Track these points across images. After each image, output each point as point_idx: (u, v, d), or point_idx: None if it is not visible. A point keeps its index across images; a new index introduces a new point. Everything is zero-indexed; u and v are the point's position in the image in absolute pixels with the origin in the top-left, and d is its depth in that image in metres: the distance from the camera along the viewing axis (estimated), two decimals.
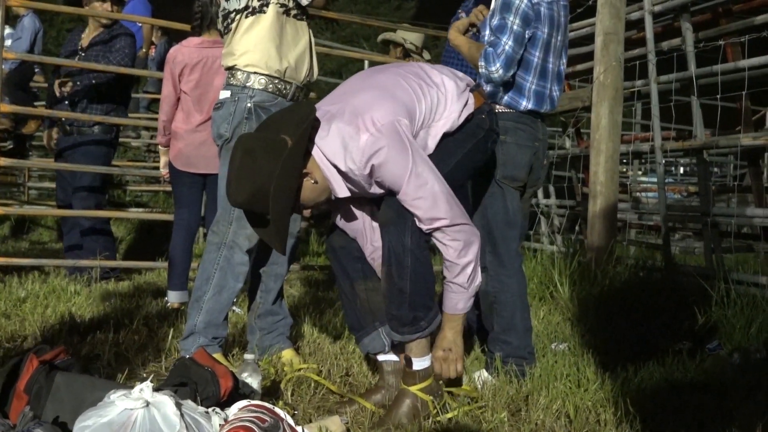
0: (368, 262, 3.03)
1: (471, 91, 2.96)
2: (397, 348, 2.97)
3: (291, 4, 3.26)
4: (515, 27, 3.27)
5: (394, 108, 2.67)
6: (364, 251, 3.03)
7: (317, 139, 2.66)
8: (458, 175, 2.94)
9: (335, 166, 2.67)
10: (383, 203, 2.79)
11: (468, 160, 2.96)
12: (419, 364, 2.84)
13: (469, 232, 2.75)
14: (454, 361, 2.84)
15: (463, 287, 2.79)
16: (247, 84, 3.25)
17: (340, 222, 3.02)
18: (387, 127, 2.61)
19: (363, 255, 3.03)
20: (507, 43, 3.26)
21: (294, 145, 2.55)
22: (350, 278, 3.03)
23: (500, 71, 3.25)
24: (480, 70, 3.29)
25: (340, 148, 2.63)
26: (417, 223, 2.71)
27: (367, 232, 3.00)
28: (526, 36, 3.31)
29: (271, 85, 3.26)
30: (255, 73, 3.25)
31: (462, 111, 2.88)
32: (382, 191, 2.75)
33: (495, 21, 3.32)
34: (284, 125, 2.61)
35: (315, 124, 2.66)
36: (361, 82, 2.88)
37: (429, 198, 2.66)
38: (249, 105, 3.25)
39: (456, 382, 2.99)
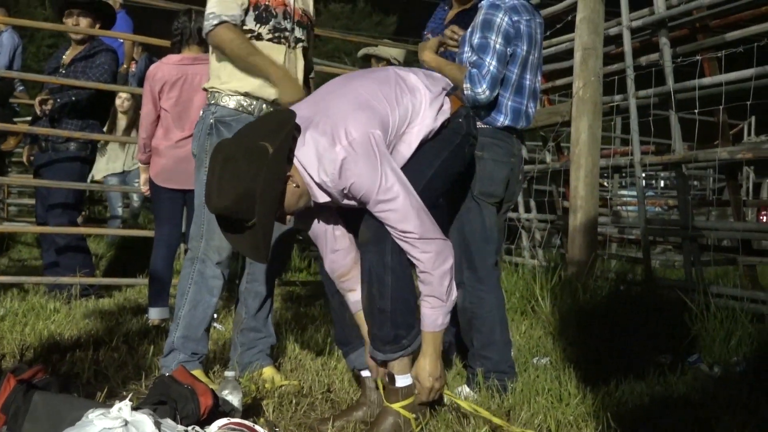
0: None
1: (448, 94, 2.95)
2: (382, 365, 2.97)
3: (258, 30, 3.31)
4: (498, 46, 3.28)
5: (369, 119, 2.66)
6: (322, 255, 3.01)
7: (296, 146, 2.65)
8: (437, 184, 2.94)
9: (310, 176, 2.66)
10: (362, 223, 2.79)
11: (446, 168, 2.95)
12: (402, 381, 2.84)
13: (440, 245, 2.74)
14: (437, 390, 2.85)
15: (441, 300, 2.77)
16: (211, 102, 3.36)
17: (301, 224, 3.01)
18: (360, 140, 2.60)
19: None
20: (491, 63, 3.28)
21: (277, 149, 2.54)
22: (341, 293, 3.03)
23: (486, 92, 3.26)
24: (465, 92, 3.28)
25: (314, 159, 2.62)
26: (391, 232, 2.71)
27: (328, 237, 2.97)
28: (508, 54, 3.33)
29: (232, 102, 3.33)
30: (218, 92, 3.35)
31: (437, 116, 2.87)
32: (354, 203, 2.74)
33: (476, 39, 3.33)
34: (262, 132, 2.60)
35: (295, 129, 2.64)
36: (338, 89, 2.86)
37: (399, 211, 2.65)
38: (211, 121, 3.33)
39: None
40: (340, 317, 3.07)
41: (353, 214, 2.87)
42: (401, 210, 2.65)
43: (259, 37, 3.31)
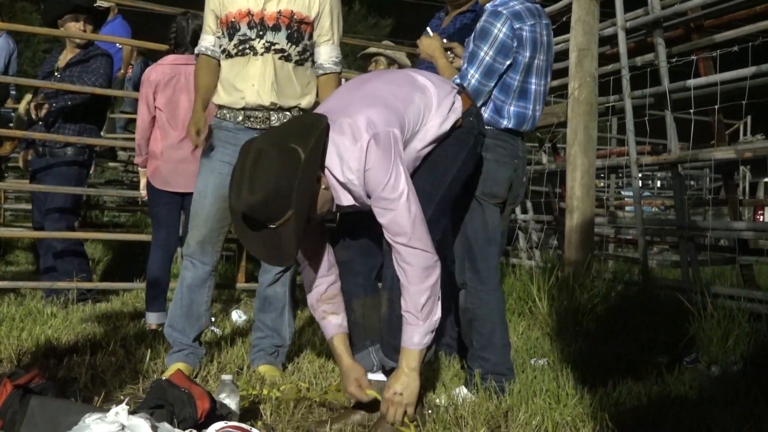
0: (369, 278, 3.02)
1: (458, 93, 2.96)
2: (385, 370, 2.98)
3: (227, 47, 3.53)
4: (487, 58, 3.28)
5: (387, 118, 2.66)
6: (307, 280, 3.01)
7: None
8: (455, 188, 2.99)
9: (335, 177, 2.65)
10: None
11: (462, 171, 2.98)
12: None
13: (427, 260, 2.69)
14: (402, 406, 2.76)
15: (416, 317, 2.71)
16: (215, 115, 3.63)
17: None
18: (380, 135, 2.60)
19: (365, 271, 3.01)
20: (474, 76, 3.29)
21: (312, 148, 2.54)
22: (349, 294, 3.02)
23: None
24: None
25: (336, 159, 2.61)
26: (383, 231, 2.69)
27: (322, 260, 2.96)
28: (500, 67, 3.31)
29: (219, 112, 3.59)
30: (214, 105, 3.62)
31: (449, 113, 2.87)
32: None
33: (470, 47, 3.34)
34: (293, 134, 2.60)
35: (326, 133, 2.63)
36: (354, 92, 2.87)
37: (397, 212, 2.62)
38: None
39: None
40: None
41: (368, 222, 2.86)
42: (399, 212, 2.63)
43: (229, 54, 3.52)
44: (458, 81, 3.29)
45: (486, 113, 3.36)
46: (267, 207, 2.51)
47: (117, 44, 8.39)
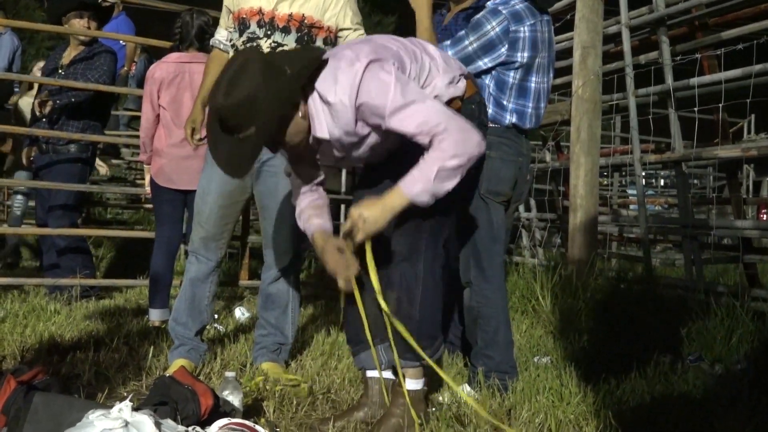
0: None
1: (465, 77, 2.91)
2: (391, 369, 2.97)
3: (235, 42, 3.52)
4: (469, 48, 3.32)
5: (386, 55, 2.64)
6: (295, 193, 3.00)
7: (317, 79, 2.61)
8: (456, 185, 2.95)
9: (325, 101, 2.59)
10: (394, 236, 2.77)
11: None
12: (413, 384, 2.85)
13: (472, 140, 2.58)
14: (361, 231, 2.66)
15: (431, 171, 2.56)
16: None
17: (290, 169, 2.99)
18: (379, 62, 2.57)
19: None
20: (449, 51, 3.31)
21: (295, 72, 2.52)
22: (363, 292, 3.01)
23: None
24: None
25: (331, 81, 2.57)
26: (414, 138, 2.58)
27: (309, 180, 2.97)
28: (479, 61, 3.32)
29: None
30: None
31: (449, 85, 2.81)
32: (363, 133, 2.66)
33: (462, 32, 3.35)
34: (288, 58, 2.60)
35: (319, 66, 2.60)
36: (358, 41, 2.87)
37: (417, 113, 2.54)
38: None
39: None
40: (354, 319, 3.05)
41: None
42: (419, 110, 2.54)
43: (236, 50, 3.50)
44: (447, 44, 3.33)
45: (490, 109, 3.35)
46: (235, 114, 2.49)
47: (121, 41, 8.38)
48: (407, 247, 2.77)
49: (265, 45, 3.44)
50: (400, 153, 2.76)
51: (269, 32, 3.45)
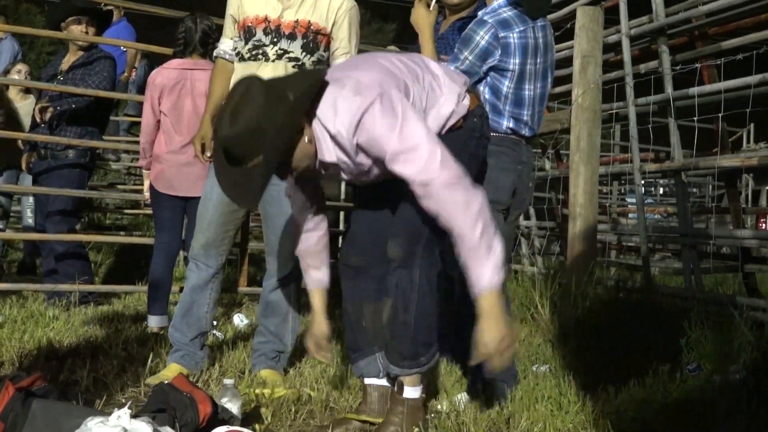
0: (382, 283, 2.91)
1: (467, 91, 2.91)
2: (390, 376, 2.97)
3: (241, 51, 3.54)
4: (466, 62, 3.32)
5: (389, 82, 2.61)
6: (296, 232, 3.04)
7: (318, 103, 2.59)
8: None
9: (326, 129, 2.57)
10: (390, 240, 2.76)
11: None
12: (410, 392, 2.84)
13: (464, 189, 2.49)
14: (510, 349, 2.50)
15: (477, 253, 2.46)
16: None
17: (292, 190, 2.96)
18: (383, 92, 2.53)
19: (378, 276, 2.95)
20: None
21: (298, 97, 2.49)
22: (360, 298, 3.01)
23: None
24: None
25: (331, 110, 2.54)
26: (411, 185, 2.51)
27: (309, 215, 2.99)
28: (478, 70, 3.34)
29: None
30: None
31: (457, 104, 2.79)
32: (367, 163, 2.64)
33: (455, 49, 3.36)
34: (289, 83, 2.57)
35: (321, 88, 2.58)
36: (360, 62, 2.84)
37: (417, 160, 2.46)
38: None
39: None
40: (355, 323, 3.06)
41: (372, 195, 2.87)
42: (420, 157, 2.46)
43: (242, 57, 3.53)
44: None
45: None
46: (241, 144, 2.46)
47: (121, 47, 8.40)
48: (403, 253, 2.76)
49: (272, 52, 3.45)
50: None
51: (275, 39, 3.47)
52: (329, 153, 2.61)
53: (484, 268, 2.46)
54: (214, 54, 3.75)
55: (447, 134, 2.80)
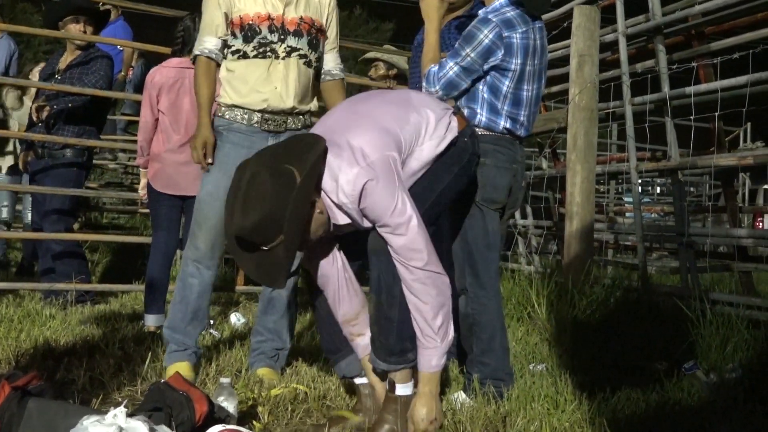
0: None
1: (453, 114, 2.96)
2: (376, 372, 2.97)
3: (244, 49, 3.49)
4: (468, 59, 3.32)
5: (384, 140, 2.67)
6: (330, 300, 2.96)
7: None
8: (444, 200, 2.97)
9: (330, 199, 2.65)
10: (372, 231, 2.76)
11: (453, 185, 2.96)
12: (402, 390, 2.84)
13: (439, 282, 2.70)
14: (436, 427, 2.77)
15: (434, 339, 2.72)
16: (217, 114, 3.59)
17: (308, 263, 2.95)
18: (378, 161, 2.61)
19: (354, 270, 2.99)
20: (452, 68, 3.33)
21: (307, 174, 2.53)
22: (327, 303, 3.00)
23: (439, 93, 3.35)
24: (423, 83, 3.40)
25: (333, 184, 2.61)
26: (392, 254, 2.68)
27: (339, 279, 2.93)
28: (479, 68, 3.34)
29: (228, 113, 3.54)
30: (218, 104, 3.58)
31: (446, 134, 2.87)
32: (370, 225, 2.72)
33: (456, 45, 3.36)
34: (290, 155, 2.59)
35: (323, 156, 2.63)
36: (353, 113, 2.86)
37: (408, 236, 2.62)
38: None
39: None
40: (328, 325, 3.05)
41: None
42: (411, 236, 2.63)
43: (245, 55, 3.49)
44: (434, 70, 3.36)
45: (483, 116, 3.38)
46: (258, 231, 2.51)
47: (118, 46, 8.39)
48: (384, 243, 2.74)
49: (281, 49, 3.46)
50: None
51: (282, 37, 3.47)
52: (342, 217, 2.69)
53: (435, 352, 2.74)
54: (195, 52, 3.58)
55: (444, 152, 2.88)
